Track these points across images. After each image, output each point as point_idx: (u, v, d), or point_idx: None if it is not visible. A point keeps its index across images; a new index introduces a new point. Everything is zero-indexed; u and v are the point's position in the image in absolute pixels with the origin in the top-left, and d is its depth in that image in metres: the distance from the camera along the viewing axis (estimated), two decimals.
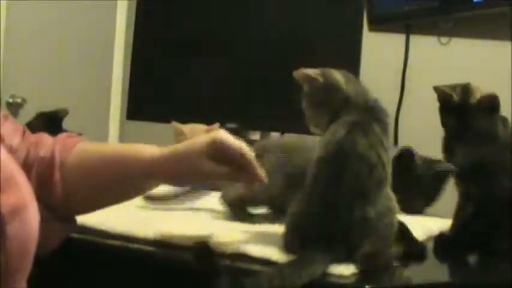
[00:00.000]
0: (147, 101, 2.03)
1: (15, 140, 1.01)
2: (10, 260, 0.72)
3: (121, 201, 1.07)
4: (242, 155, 0.98)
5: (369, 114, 1.04)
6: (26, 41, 2.60)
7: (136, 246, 1.07)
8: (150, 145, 1.03)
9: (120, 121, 3.00)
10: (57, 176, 1.00)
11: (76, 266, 1.09)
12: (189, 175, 1.01)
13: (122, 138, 3.03)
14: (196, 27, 2.00)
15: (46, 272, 0.90)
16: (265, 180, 1.00)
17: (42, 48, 2.68)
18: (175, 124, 1.75)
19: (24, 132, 1.04)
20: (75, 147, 1.04)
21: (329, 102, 1.07)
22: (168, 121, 1.92)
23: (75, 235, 1.09)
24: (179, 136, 1.66)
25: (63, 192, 1.00)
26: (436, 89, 1.15)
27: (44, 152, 1.02)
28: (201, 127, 1.81)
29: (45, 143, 1.03)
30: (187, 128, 1.79)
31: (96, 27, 2.88)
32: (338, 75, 1.08)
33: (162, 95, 2.00)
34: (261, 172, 1.00)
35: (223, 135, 0.99)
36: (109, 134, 3.04)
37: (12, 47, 2.49)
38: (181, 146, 1.00)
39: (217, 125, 1.75)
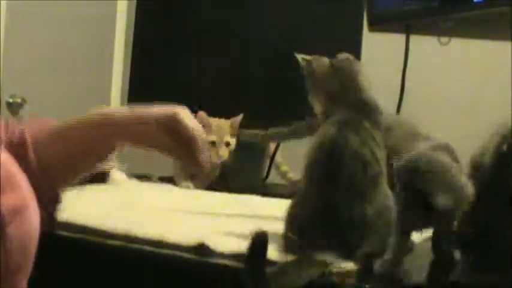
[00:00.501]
0: (147, 101, 2.03)
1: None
2: (11, 260, 0.72)
3: (93, 167, 1.10)
4: (192, 139, 1.03)
5: (359, 111, 1.04)
6: (26, 41, 2.59)
7: (136, 246, 1.07)
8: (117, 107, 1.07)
9: None
10: (31, 154, 1.00)
11: (76, 266, 1.09)
12: (147, 140, 1.06)
13: None
14: (196, 27, 2.00)
15: (46, 272, 0.90)
16: (208, 168, 1.04)
17: (42, 48, 2.68)
18: (201, 114, 1.74)
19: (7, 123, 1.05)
20: (47, 125, 1.06)
21: (321, 88, 1.08)
22: None
23: (75, 235, 1.09)
24: (204, 127, 1.65)
25: (40, 169, 1.00)
26: None
27: (16, 134, 1.02)
28: (227, 122, 1.82)
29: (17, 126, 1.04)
30: (214, 121, 1.80)
31: (96, 27, 2.88)
32: (327, 63, 1.09)
33: (162, 95, 1.99)
34: (205, 160, 1.03)
35: (183, 113, 1.05)
36: None
37: (12, 47, 2.49)
38: (145, 111, 1.06)
39: (240, 116, 1.77)
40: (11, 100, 2.56)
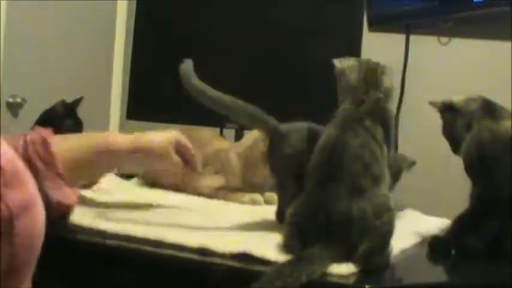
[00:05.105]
0: (147, 101, 2.03)
1: None
2: (19, 255, 0.73)
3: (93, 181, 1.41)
4: (189, 151, 1.31)
5: (361, 108, 1.05)
6: (26, 41, 2.59)
7: (136, 246, 1.07)
8: (121, 135, 1.26)
9: (120, 121, 3.00)
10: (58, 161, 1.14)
11: (76, 266, 1.09)
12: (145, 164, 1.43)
13: None
14: (196, 27, 2.00)
15: (46, 272, 0.90)
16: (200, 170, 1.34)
17: (42, 48, 2.68)
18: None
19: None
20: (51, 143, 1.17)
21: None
22: (168, 121, 1.92)
23: (75, 235, 1.09)
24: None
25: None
26: None
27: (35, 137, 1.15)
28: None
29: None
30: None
31: (96, 27, 2.88)
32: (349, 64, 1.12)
33: (162, 95, 2.00)
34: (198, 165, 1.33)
35: (180, 135, 1.31)
36: None
37: (12, 47, 2.49)
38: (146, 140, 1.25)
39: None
40: (11, 100, 2.56)
